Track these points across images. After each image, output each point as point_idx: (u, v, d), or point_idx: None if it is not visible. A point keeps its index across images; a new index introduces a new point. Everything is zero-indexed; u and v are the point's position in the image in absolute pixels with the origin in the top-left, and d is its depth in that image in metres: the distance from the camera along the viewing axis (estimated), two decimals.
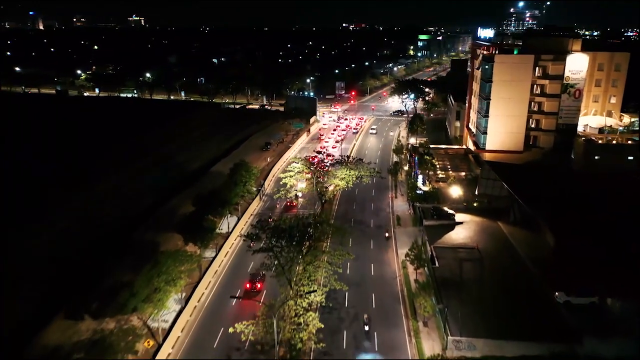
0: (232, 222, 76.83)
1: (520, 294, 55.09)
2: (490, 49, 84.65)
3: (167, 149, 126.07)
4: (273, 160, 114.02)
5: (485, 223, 75.47)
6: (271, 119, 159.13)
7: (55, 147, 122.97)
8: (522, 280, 58.46)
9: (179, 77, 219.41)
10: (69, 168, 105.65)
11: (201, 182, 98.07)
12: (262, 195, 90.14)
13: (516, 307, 52.63)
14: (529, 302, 53.78)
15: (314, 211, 78.55)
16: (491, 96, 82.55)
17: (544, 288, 56.37)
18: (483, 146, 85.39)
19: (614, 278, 51.06)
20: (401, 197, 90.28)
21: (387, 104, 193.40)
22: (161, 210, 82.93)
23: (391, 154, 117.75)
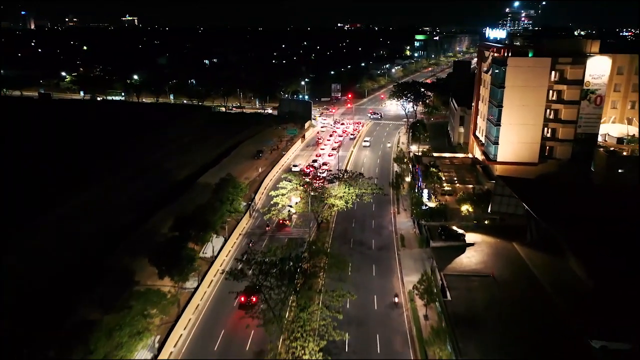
0: (218, 244, 69.04)
1: (547, 335, 47.69)
2: (501, 51, 77.30)
3: (153, 156, 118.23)
4: (265, 170, 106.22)
5: (499, 244, 68.14)
6: (264, 124, 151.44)
7: (29, 157, 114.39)
8: (548, 316, 51.13)
9: (168, 79, 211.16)
10: (44, 179, 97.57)
11: (187, 195, 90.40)
12: (252, 211, 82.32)
13: (543, 353, 45.27)
14: (558, 346, 46.39)
15: (309, 229, 70.87)
16: (504, 103, 75.17)
17: (573, 325, 49.19)
18: (494, 157, 78.03)
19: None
20: (404, 212, 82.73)
21: (385, 107, 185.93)
22: (140, 229, 75.11)
23: (391, 163, 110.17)
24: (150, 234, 73.14)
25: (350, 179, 70.10)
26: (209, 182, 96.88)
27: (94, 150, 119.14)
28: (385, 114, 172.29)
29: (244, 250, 69.12)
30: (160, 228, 74.75)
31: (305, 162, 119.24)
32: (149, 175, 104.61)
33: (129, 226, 77.66)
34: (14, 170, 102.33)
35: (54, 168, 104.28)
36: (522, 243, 67.78)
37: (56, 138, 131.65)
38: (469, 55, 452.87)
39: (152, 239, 70.30)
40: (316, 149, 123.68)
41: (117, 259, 64.39)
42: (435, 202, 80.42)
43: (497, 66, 77.08)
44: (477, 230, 71.41)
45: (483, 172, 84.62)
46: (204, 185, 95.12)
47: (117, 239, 71.49)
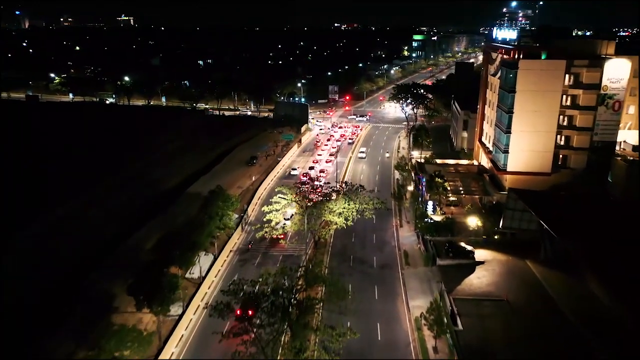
0: (206, 263, 63.53)
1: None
2: (511, 52, 72.02)
3: (141, 163, 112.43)
4: (259, 178, 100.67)
5: (510, 263, 62.91)
6: (259, 128, 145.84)
7: (8, 164, 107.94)
8: (568, 346, 46.06)
9: (161, 80, 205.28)
10: (21, 189, 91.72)
11: (175, 206, 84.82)
12: (244, 224, 76.80)
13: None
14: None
15: (305, 246, 65.38)
16: (514, 109, 69.90)
17: (598, 356, 44.13)
18: (504, 167, 72.79)
19: None
20: (407, 224, 77.42)
21: (384, 110, 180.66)
22: (123, 246, 69.42)
23: (392, 170, 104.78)
24: (133, 251, 67.54)
25: (349, 191, 64.30)
26: (199, 191, 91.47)
27: (78, 157, 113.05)
28: (384, 117, 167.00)
29: (235, 268, 63.97)
30: (144, 244, 69.26)
31: (303, 167, 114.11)
32: (136, 184, 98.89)
33: (111, 242, 72.11)
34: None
35: (30, 179, 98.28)
36: (536, 260, 62.63)
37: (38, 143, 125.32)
38: (467, 55, 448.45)
39: (135, 257, 64.80)
40: (313, 155, 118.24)
41: (96, 281, 58.78)
42: (440, 213, 75.23)
43: (506, 69, 71.83)
44: (486, 246, 66.24)
45: (490, 182, 79.40)
46: (194, 195, 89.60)
47: (97, 258, 65.89)
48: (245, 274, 62.23)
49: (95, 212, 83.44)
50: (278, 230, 60.25)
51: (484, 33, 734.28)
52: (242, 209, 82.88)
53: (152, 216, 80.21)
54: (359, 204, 61.45)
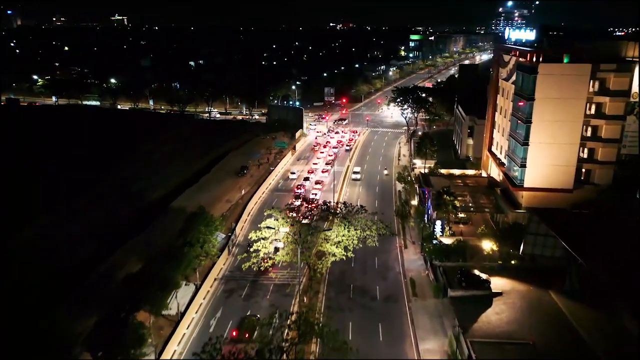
0: (187, 295, 55.86)
1: None
2: (528, 55, 64.59)
3: (124, 172, 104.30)
4: (250, 190, 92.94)
5: (532, 295, 55.50)
6: (250, 133, 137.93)
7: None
8: None
9: (150, 82, 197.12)
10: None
11: (157, 223, 77.10)
12: (232, 246, 69.08)
13: None
14: None
15: (298, 274, 57.54)
16: (533, 118, 62.46)
17: None
18: (520, 183, 65.32)
19: None
20: (412, 246, 69.98)
21: (382, 113, 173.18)
22: (93, 275, 61.53)
23: (393, 184, 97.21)
24: (105, 280, 59.80)
25: (349, 214, 56.38)
26: (183, 206, 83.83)
27: (54, 166, 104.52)
28: (382, 121, 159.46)
29: (219, 301, 56.22)
30: (118, 271, 61.44)
31: (301, 173, 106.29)
32: (117, 196, 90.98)
33: (83, 266, 64.39)
34: None
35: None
36: (561, 291, 55.31)
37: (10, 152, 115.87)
38: (464, 55, 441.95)
39: (105, 288, 57.03)
40: (308, 163, 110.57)
41: (57, 319, 50.89)
42: (449, 233, 67.80)
43: (523, 73, 64.35)
44: (503, 274, 58.86)
45: (503, 197, 71.90)
46: (178, 210, 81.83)
47: (64, 288, 58.05)
48: (230, 308, 54.71)
49: (70, 229, 75.58)
50: (269, 262, 52.34)
51: (481, 33, 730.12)
52: (230, 227, 75.35)
53: (131, 233, 72.66)
54: (360, 230, 53.59)
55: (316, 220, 54.41)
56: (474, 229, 71.26)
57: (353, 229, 52.86)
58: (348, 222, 53.80)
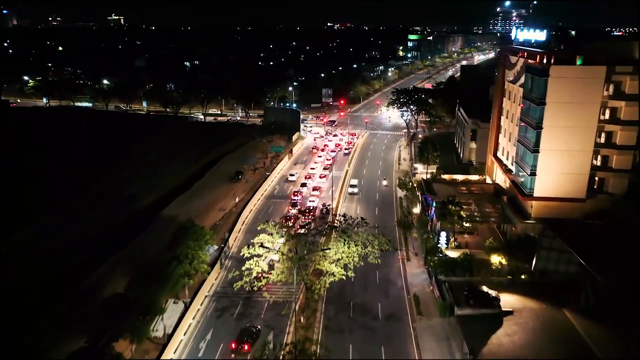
0: (175, 314, 52.04)
1: None
2: (538, 57, 60.91)
3: (115, 177, 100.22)
4: (244, 197, 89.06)
5: (545, 313, 51.88)
6: (246, 135, 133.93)
7: None
8: None
9: (144, 83, 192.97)
10: None
11: (146, 233, 73.11)
12: (224, 259, 65.20)
13: None
14: None
15: (294, 291, 53.73)
16: (544, 123, 58.82)
17: None
18: (530, 192, 61.67)
19: None
20: (415, 258, 66.22)
21: (381, 115, 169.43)
22: (76, 292, 57.53)
23: (394, 187, 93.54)
24: (88, 296, 55.88)
25: (349, 227, 52.43)
26: (174, 214, 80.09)
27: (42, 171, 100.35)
28: (381, 124, 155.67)
29: (210, 321, 52.37)
30: (102, 289, 57.51)
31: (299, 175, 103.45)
32: (108, 202, 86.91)
33: (68, 280, 60.44)
34: None
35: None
36: (576, 309, 51.72)
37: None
38: (463, 55, 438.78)
39: (89, 306, 53.15)
40: (306, 168, 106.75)
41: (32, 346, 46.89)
42: (454, 245, 64.18)
43: (534, 76, 60.70)
44: (512, 290, 55.28)
45: (510, 205, 68.26)
46: (168, 219, 78.04)
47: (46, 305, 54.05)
48: (221, 329, 50.86)
49: (59, 237, 71.61)
50: (261, 281, 48.35)
51: (479, 33, 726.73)
52: (223, 238, 71.49)
53: (120, 243, 68.67)
54: (361, 246, 49.71)
55: (313, 235, 50.36)
56: (480, 239, 67.70)
57: (353, 245, 48.94)
58: (348, 236, 49.89)
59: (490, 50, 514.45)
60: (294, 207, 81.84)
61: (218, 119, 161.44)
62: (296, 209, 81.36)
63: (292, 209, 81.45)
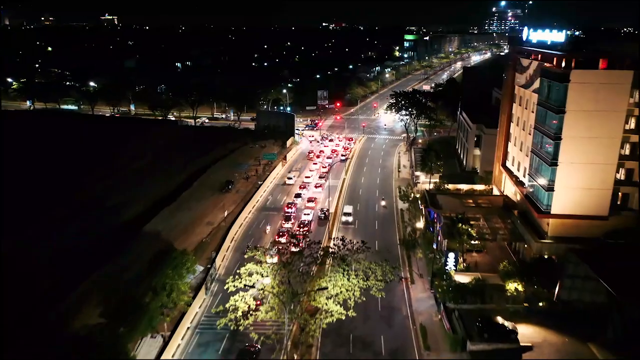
0: (153, 350, 46.08)
1: None
2: (558, 60, 55.23)
3: (96, 187, 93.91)
4: (234, 210, 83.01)
5: (568, 347, 46.34)
6: (238, 140, 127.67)
7: None
8: None
9: (134, 85, 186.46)
10: None
11: (126, 252, 66.86)
12: (210, 282, 59.16)
13: None
14: None
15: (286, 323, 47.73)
16: (563, 134, 53.19)
17: None
18: (547, 208, 55.99)
19: None
20: (420, 280, 60.42)
21: (379, 118, 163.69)
22: (44, 319, 51.46)
23: (394, 198, 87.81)
24: (56, 327, 49.87)
25: (349, 253, 46.25)
26: (158, 230, 74.06)
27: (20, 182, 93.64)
28: (379, 127, 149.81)
29: (192, 357, 46.33)
30: (71, 318, 51.45)
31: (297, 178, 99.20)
32: (89, 215, 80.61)
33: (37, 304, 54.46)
34: None
35: None
36: (602, 343, 46.18)
37: None
38: (460, 55, 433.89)
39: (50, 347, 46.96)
40: (300, 176, 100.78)
41: None
42: (463, 266, 58.51)
43: (551, 82, 55.06)
44: (530, 320, 49.72)
45: (523, 221, 62.61)
46: (151, 236, 71.91)
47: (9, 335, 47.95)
48: None
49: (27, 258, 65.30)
50: (248, 318, 42.18)
51: (474, 33, 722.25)
52: (210, 257, 65.44)
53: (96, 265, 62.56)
54: (362, 276, 43.68)
55: (308, 263, 44.24)
56: (490, 259, 62.16)
57: (354, 275, 42.92)
58: (346, 265, 43.86)
59: (487, 50, 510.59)
60: (287, 220, 75.93)
61: (205, 123, 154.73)
62: (290, 222, 75.51)
63: (286, 223, 75.57)
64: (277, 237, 69.84)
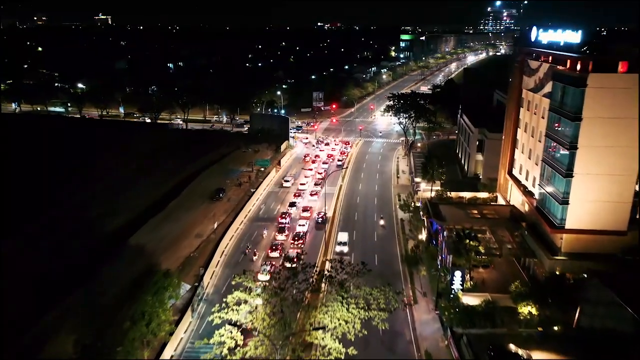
0: None
1: None
2: (573, 62, 51.07)
3: (76, 198, 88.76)
4: (225, 220, 78.52)
5: None
6: (231, 144, 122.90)
7: None
8: None
9: (124, 86, 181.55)
10: None
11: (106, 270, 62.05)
12: (197, 302, 54.70)
13: None
14: None
15: None
16: (579, 143, 49.07)
17: None
18: (561, 223, 51.87)
19: None
20: (423, 300, 56.18)
21: (376, 120, 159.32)
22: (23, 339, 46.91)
23: (393, 207, 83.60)
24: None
25: (347, 277, 41.80)
26: (143, 243, 69.28)
27: None
28: (376, 130, 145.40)
29: None
30: (43, 347, 46.84)
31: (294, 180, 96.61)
32: (70, 226, 75.76)
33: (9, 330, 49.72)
34: None
35: None
36: None
37: None
38: (456, 55, 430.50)
39: None
40: (295, 183, 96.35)
41: None
42: (470, 283, 54.30)
43: (566, 86, 50.93)
44: (545, 346, 45.42)
45: (532, 234, 58.54)
46: (136, 250, 67.18)
47: None
48: None
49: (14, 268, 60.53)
50: (235, 354, 37.62)
51: (470, 33, 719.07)
52: (198, 274, 61.00)
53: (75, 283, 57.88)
54: (364, 306, 39.19)
55: (302, 290, 39.79)
56: (498, 275, 57.87)
57: (353, 304, 38.46)
58: (345, 291, 39.40)
59: (483, 50, 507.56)
60: (281, 232, 71.53)
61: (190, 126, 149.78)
62: (284, 235, 71.13)
63: (280, 235, 71.18)
64: (270, 252, 65.53)
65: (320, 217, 76.65)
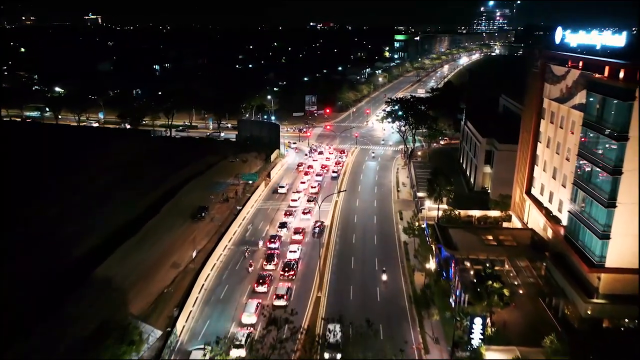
0: None
1: None
2: (609, 70, 43.01)
3: (53, 209, 79.67)
4: (207, 245, 69.77)
5: None
6: (217, 154, 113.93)
7: None
8: None
9: (107, 89, 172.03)
10: None
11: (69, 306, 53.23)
12: (169, 353, 46.05)
13: None
14: None
15: None
16: (624, 167, 40.96)
17: None
18: (600, 261, 43.74)
19: None
20: (435, 347, 47.72)
21: (372, 126, 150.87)
22: None
23: (395, 227, 75.28)
24: None
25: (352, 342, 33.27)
26: (112, 275, 60.37)
27: None
28: (373, 137, 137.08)
29: None
30: None
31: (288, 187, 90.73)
32: (33, 250, 66.56)
33: None
34: None
35: None
36: None
37: None
38: (451, 56, 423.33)
39: None
40: (286, 199, 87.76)
41: None
42: (490, 330, 46.06)
43: (606, 98, 42.83)
44: None
45: (560, 268, 50.45)
46: (101, 285, 58.23)
47: None
48: None
49: None
50: None
51: (463, 33, 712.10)
52: (171, 315, 52.36)
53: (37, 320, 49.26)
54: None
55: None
56: (520, 317, 49.75)
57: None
58: None
59: (477, 50, 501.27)
60: (269, 261, 62.81)
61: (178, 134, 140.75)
62: (272, 263, 62.51)
63: (268, 264, 62.53)
64: (256, 286, 56.98)
65: (317, 227, 71.20)
